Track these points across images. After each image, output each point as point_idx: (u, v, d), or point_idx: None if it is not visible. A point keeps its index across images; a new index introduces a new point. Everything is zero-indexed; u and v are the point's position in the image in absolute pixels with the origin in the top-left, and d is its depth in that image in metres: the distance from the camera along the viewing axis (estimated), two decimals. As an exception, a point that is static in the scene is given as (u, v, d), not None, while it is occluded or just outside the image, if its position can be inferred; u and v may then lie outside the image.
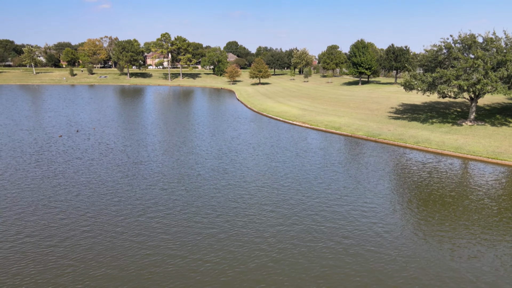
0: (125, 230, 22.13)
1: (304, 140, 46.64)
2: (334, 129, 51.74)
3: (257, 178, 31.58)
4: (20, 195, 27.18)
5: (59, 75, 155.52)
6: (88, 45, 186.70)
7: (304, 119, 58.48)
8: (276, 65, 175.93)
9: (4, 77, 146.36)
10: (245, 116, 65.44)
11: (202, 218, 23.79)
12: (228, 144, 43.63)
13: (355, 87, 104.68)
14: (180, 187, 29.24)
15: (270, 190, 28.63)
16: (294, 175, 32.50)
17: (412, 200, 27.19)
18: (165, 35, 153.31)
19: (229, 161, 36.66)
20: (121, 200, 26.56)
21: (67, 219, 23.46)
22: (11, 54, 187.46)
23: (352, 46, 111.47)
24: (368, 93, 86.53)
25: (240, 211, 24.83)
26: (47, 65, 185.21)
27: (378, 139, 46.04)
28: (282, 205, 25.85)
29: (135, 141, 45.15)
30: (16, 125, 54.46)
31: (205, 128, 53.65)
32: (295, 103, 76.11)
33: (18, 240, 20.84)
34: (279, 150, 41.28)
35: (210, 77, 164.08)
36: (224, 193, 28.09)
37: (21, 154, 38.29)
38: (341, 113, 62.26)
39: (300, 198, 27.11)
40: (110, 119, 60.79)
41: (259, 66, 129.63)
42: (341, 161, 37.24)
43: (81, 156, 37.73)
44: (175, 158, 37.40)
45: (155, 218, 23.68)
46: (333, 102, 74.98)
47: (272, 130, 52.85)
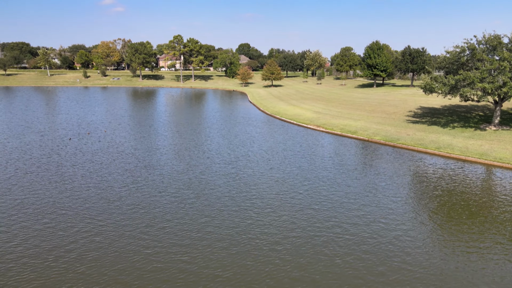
0: (132, 240, 20.93)
1: (319, 144, 45.03)
2: (350, 133, 49.96)
3: (271, 184, 30.14)
4: (27, 201, 26.28)
5: (73, 77, 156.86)
6: (102, 47, 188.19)
7: (318, 123, 56.81)
8: (289, 67, 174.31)
9: (19, 79, 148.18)
10: (257, 119, 64.10)
11: (214, 228, 22.45)
12: (240, 148, 42.30)
13: (370, 90, 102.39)
14: (190, 193, 27.98)
15: (284, 198, 27.15)
16: (309, 182, 30.95)
17: (437, 210, 25.38)
18: (178, 37, 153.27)
19: (242, 166, 35.31)
20: (129, 207, 25.41)
21: (73, 227, 22.40)
22: (27, 56, 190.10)
23: (367, 48, 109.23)
24: (384, 95, 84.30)
25: (253, 222, 23.41)
26: (62, 67, 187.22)
27: (397, 144, 44.12)
28: (297, 215, 24.34)
29: (146, 144, 44.20)
30: (28, 127, 54.17)
31: (217, 131, 52.46)
32: (308, 106, 74.45)
33: (21, 247, 19.84)
34: (293, 154, 39.77)
35: (222, 79, 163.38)
36: (236, 201, 26.72)
37: (30, 157, 37.62)
38: (357, 116, 60.39)
39: (316, 207, 25.55)
40: (121, 122, 60.14)
41: (272, 68, 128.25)
42: (358, 167, 35.54)
43: (90, 160, 36.86)
44: (186, 163, 36.23)
45: (164, 229, 22.43)
46: (348, 105, 73.06)
47: (285, 133, 51.35)
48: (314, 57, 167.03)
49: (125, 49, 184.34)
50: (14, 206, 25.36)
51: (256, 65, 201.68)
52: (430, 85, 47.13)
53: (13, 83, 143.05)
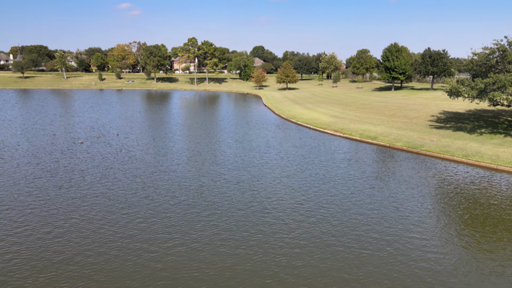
0: (139, 253, 19.33)
1: (337, 150, 42.91)
2: (369, 138, 47.66)
3: (286, 192, 28.24)
4: (33, 210, 25.03)
5: (89, 79, 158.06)
6: (117, 50, 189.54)
7: (336, 127, 54.64)
8: (304, 70, 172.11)
9: (36, 82, 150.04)
10: (272, 123, 62.29)
11: (224, 242, 20.68)
12: (255, 153, 40.54)
13: (388, 93, 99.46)
14: (202, 201, 26.31)
15: (301, 208, 25.21)
16: (327, 190, 28.94)
17: (467, 223, 23.07)
18: (192, 40, 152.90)
19: (256, 172, 33.52)
20: (137, 216, 23.87)
21: (79, 236, 20.96)
22: (44, 59, 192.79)
23: (385, 50, 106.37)
24: (403, 99, 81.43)
25: (267, 236, 21.55)
26: (78, 70, 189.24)
27: (420, 150, 41.66)
28: (315, 228, 22.38)
29: (158, 148, 42.87)
30: (42, 129, 53.62)
31: (230, 135, 50.85)
32: (325, 110, 72.28)
33: (25, 255, 18.46)
34: (310, 160, 37.78)
35: (236, 81, 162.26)
36: (250, 210, 24.91)
37: (40, 161, 36.64)
38: (376, 121, 57.95)
39: (335, 220, 23.53)
40: (134, 125, 59.15)
41: (287, 70, 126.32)
42: (379, 175, 33.35)
43: (99, 164, 35.64)
44: (198, 168, 34.63)
45: (173, 240, 20.78)
46: (366, 109, 70.58)
47: (302, 138, 49.38)
48: (330, 59, 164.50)
49: (140, 52, 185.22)
50: (20, 214, 24.13)
51: (271, 67, 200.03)
52: (456, 89, 44.50)
53: (31, 85, 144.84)
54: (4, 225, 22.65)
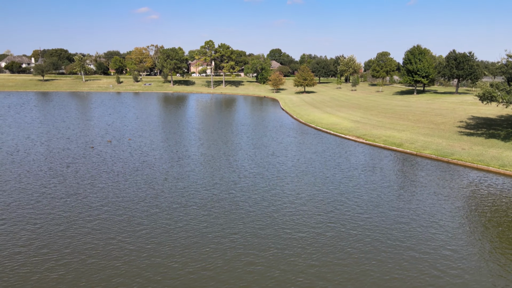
0: (150, 268, 17.47)
1: (360, 157, 40.36)
2: (395, 145, 44.88)
3: (305, 202, 25.97)
4: (38, 218, 23.57)
5: (106, 82, 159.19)
6: (135, 53, 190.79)
7: (358, 133, 51.97)
8: (322, 73, 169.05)
9: (56, 85, 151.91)
10: (290, 127, 60.04)
11: (238, 254, 18.62)
12: (272, 159, 38.40)
13: (411, 97, 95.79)
14: (215, 210, 24.31)
15: (322, 221, 22.92)
16: (350, 201, 26.54)
17: (506, 241, 20.34)
18: (209, 43, 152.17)
19: (274, 179, 31.37)
20: (147, 228, 22.07)
21: (87, 249, 19.28)
22: (64, 62, 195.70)
23: (407, 53, 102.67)
24: (427, 103, 77.89)
25: (283, 251, 19.38)
26: (97, 73, 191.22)
27: (450, 159, 38.70)
28: (338, 243, 20.07)
29: (171, 153, 41.23)
30: (57, 133, 52.90)
31: (246, 140, 48.85)
32: (345, 114, 69.57)
33: (26, 270, 16.86)
34: (331, 168, 35.40)
35: (253, 85, 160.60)
36: (268, 221, 22.78)
37: (51, 166, 35.45)
38: (400, 126, 54.99)
39: (362, 239, 21.16)
40: (148, 129, 57.89)
41: (305, 73, 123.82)
42: (406, 185, 30.73)
43: (110, 170, 34.17)
44: (211, 175, 32.71)
45: (184, 256, 18.85)
46: (389, 113, 67.54)
47: (322, 144, 46.98)
48: (348, 62, 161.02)
49: (157, 55, 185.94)
50: (26, 225, 22.68)
51: (288, 70, 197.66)
52: (490, 93, 41.35)
53: (50, 88, 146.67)
54: (11, 232, 21.21)
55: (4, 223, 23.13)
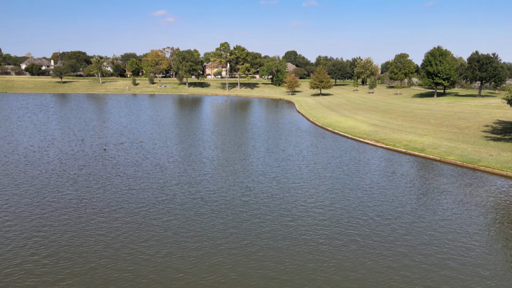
0: (159, 279, 16.42)
1: (380, 163, 38.64)
2: (416, 150, 42.92)
3: (324, 211, 24.54)
4: (46, 224, 22.85)
5: (123, 84, 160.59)
6: (151, 55, 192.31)
7: (377, 137, 50.13)
8: (338, 75, 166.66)
9: (73, 87, 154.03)
10: (307, 131, 58.56)
11: (252, 267, 17.36)
12: (288, 164, 37.05)
13: (431, 100, 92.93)
14: (228, 218, 23.13)
15: (342, 232, 21.46)
16: (371, 210, 24.97)
17: None
18: (224, 45, 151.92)
19: (290, 185, 30.03)
20: (158, 235, 21.04)
21: (97, 258, 18.37)
22: (82, 64, 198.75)
23: (427, 54, 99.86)
24: (449, 107, 75.19)
25: (300, 265, 18.02)
26: (113, 75, 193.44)
27: (477, 166, 36.58)
28: (359, 257, 18.59)
29: (184, 156, 40.33)
30: (72, 134, 52.83)
31: (262, 143, 47.62)
32: (363, 117, 67.65)
33: (32, 278, 16.06)
34: (350, 174, 33.81)
35: (268, 87, 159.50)
36: (284, 231, 21.45)
37: (64, 168, 34.97)
38: (421, 130, 52.87)
39: (384, 252, 19.62)
40: (162, 131, 57.30)
41: (321, 76, 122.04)
42: (431, 192, 28.93)
43: (122, 173, 33.42)
44: (225, 180, 31.56)
45: (197, 266, 17.72)
46: (409, 117, 65.31)
47: (339, 148, 45.37)
48: (365, 64, 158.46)
49: (173, 57, 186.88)
50: (34, 230, 21.98)
51: (303, 73, 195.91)
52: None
53: (68, 90, 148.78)
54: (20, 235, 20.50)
55: (14, 225, 22.50)
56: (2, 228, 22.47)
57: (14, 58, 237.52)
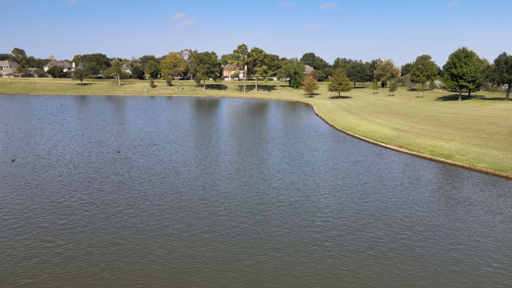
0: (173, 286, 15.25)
1: (404, 169, 36.62)
2: (443, 157, 40.64)
3: (346, 222, 22.91)
4: (58, 231, 22.08)
5: (141, 86, 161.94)
6: (170, 58, 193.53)
7: (400, 142, 47.97)
8: (357, 77, 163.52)
9: (93, 88, 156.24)
10: (326, 134, 56.78)
11: (268, 284, 15.98)
12: (307, 169, 35.50)
13: (455, 103, 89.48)
14: (244, 226, 21.81)
15: (362, 247, 19.83)
16: (397, 221, 23.20)
17: None
18: (242, 47, 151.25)
19: (310, 191, 28.50)
20: (174, 241, 19.92)
21: (107, 261, 17.38)
22: (102, 67, 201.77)
23: (451, 56, 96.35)
24: (475, 110, 71.96)
25: (327, 280, 16.54)
26: (132, 77, 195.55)
27: (510, 174, 34.15)
28: (383, 275, 16.94)
29: (200, 160, 39.28)
30: (90, 135, 52.71)
31: (279, 147, 46.16)
32: (384, 121, 65.34)
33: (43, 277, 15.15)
34: (373, 180, 32.01)
35: (286, 89, 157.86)
36: (304, 242, 19.98)
37: (79, 170, 34.45)
38: (447, 135, 50.37)
39: (412, 268, 17.89)
40: (178, 133, 56.58)
41: (340, 78, 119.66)
42: (459, 203, 26.89)
43: (136, 176, 32.58)
44: (241, 185, 30.29)
45: (209, 276, 16.50)
46: (433, 121, 62.65)
47: (361, 153, 43.50)
48: (386, 66, 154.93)
49: (191, 59, 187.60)
50: (45, 239, 21.23)
51: (321, 75, 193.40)
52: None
53: (88, 92, 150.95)
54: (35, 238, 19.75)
55: (24, 228, 21.81)
56: (25, 229, 21.82)
57: (38, 60, 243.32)
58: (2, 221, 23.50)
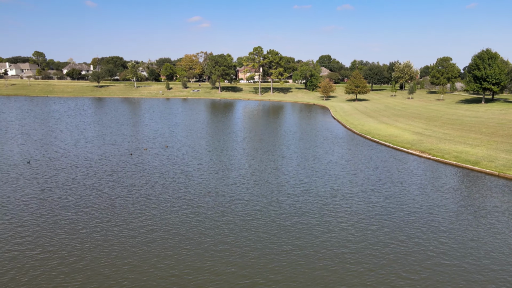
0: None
1: (428, 176, 34.62)
2: (469, 163, 38.41)
3: (368, 232, 21.28)
4: (67, 240, 21.20)
5: (157, 88, 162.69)
6: (185, 60, 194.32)
7: (422, 147, 45.82)
8: (375, 80, 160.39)
9: (109, 91, 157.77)
10: (343, 138, 54.96)
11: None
12: (325, 175, 33.91)
13: (479, 106, 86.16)
14: (259, 235, 20.45)
15: (385, 261, 18.18)
16: (425, 232, 21.42)
17: None
18: (258, 49, 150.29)
19: (328, 198, 26.94)
20: (187, 252, 18.74)
21: (117, 272, 16.33)
22: (119, 69, 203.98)
23: (474, 57, 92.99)
24: (501, 114, 68.86)
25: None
26: (148, 79, 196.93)
27: (545, 183, 31.81)
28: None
29: (213, 163, 38.15)
30: (104, 138, 52.35)
31: (295, 151, 44.65)
32: (404, 125, 63.05)
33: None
34: (395, 187, 30.21)
35: (302, 92, 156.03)
36: (323, 253, 18.49)
37: (94, 173, 33.77)
38: (473, 140, 47.92)
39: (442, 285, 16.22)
40: (192, 136, 55.70)
41: (357, 80, 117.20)
42: (490, 213, 24.85)
43: (148, 181, 31.64)
44: (256, 190, 28.95)
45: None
46: (456, 125, 60.06)
47: (381, 158, 41.62)
48: (404, 68, 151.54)
49: (206, 61, 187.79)
50: (53, 243, 20.37)
51: (337, 77, 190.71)
52: None
53: (104, 94, 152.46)
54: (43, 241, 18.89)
55: (35, 233, 21.01)
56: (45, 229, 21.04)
57: (57, 63, 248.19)
58: (8, 224, 22.80)
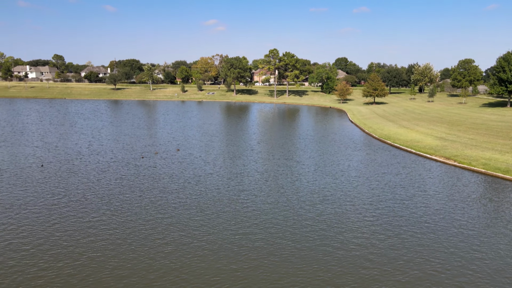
0: None
1: (455, 184, 32.45)
2: (499, 171, 35.97)
3: (392, 248, 19.50)
4: (77, 247, 20.17)
5: (172, 91, 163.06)
6: (201, 63, 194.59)
7: (447, 153, 43.45)
8: (393, 82, 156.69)
9: (126, 93, 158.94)
10: (362, 143, 52.92)
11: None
12: (343, 182, 32.15)
13: (505, 110, 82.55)
14: (275, 246, 18.93)
15: (411, 277, 16.39)
16: (462, 249, 19.49)
17: None
18: (273, 51, 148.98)
19: (347, 206, 25.21)
20: (200, 260, 17.39)
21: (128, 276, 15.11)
22: (136, 72, 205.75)
23: (500, 59, 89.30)
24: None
25: None
26: (164, 82, 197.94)
27: None
28: None
29: (227, 168, 36.82)
30: (118, 141, 51.83)
31: (312, 156, 42.95)
32: (426, 129, 60.50)
33: None
34: (419, 197, 28.23)
35: (318, 94, 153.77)
36: (341, 266, 16.84)
37: (105, 176, 32.91)
38: (501, 146, 45.26)
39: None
40: (206, 139, 54.60)
41: (375, 83, 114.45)
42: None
43: (160, 185, 30.54)
44: (270, 197, 27.43)
45: None
46: (481, 130, 57.21)
47: (402, 165, 39.53)
48: (424, 71, 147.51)
49: (221, 64, 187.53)
50: (62, 252, 19.35)
51: (354, 80, 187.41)
52: None
53: (121, 96, 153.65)
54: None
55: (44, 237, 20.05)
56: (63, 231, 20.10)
57: (76, 66, 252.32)
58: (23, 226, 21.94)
